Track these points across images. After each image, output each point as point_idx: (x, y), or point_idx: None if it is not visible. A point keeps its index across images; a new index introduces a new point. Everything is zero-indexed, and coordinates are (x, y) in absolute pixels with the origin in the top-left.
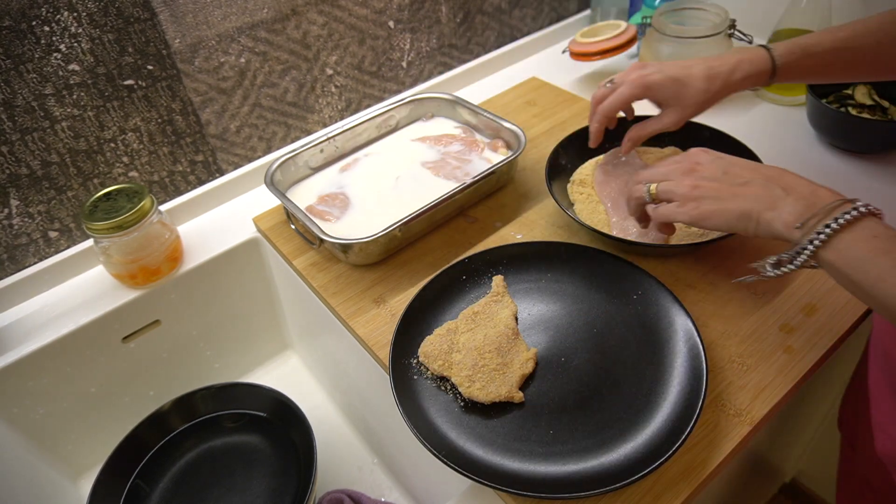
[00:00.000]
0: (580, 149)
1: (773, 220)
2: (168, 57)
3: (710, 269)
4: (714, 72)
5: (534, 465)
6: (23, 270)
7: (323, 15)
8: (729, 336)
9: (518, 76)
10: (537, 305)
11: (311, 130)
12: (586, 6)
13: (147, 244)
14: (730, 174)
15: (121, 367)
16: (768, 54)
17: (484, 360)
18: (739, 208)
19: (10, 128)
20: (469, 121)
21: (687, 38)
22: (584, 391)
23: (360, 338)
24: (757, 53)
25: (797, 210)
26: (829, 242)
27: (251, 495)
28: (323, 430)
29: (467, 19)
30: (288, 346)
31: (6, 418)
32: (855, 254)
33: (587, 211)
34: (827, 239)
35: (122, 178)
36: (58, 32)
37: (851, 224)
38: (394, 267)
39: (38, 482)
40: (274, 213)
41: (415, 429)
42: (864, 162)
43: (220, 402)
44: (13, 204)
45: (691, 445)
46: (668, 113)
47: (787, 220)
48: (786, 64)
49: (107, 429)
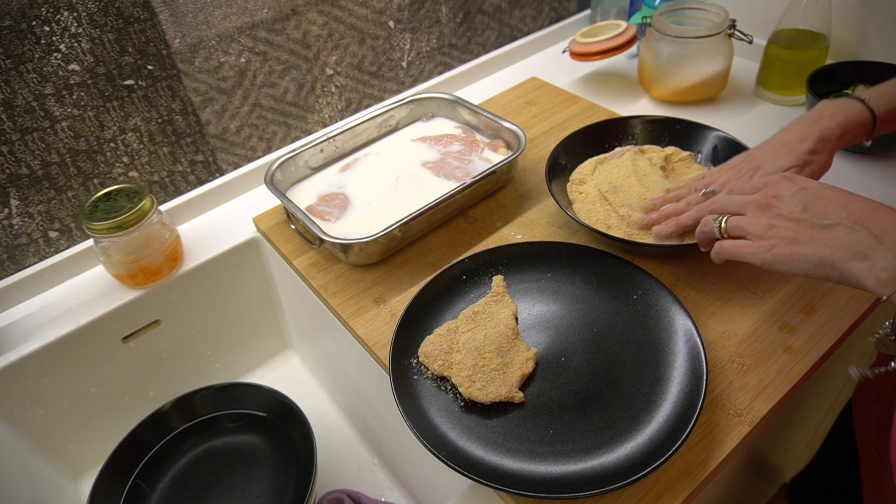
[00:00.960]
0: (580, 149)
1: (862, 273)
2: (168, 57)
3: (711, 269)
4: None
5: (534, 465)
6: (23, 270)
7: (323, 15)
8: (729, 336)
9: (518, 76)
10: (537, 305)
11: (311, 130)
12: (586, 6)
13: (147, 244)
14: (812, 211)
15: (121, 367)
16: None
17: (484, 360)
18: (818, 256)
19: (10, 128)
20: (469, 121)
21: (687, 38)
22: (584, 391)
23: (360, 338)
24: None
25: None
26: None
27: (251, 495)
28: (323, 430)
29: (467, 19)
30: (288, 346)
31: (6, 418)
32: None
33: (586, 210)
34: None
35: (122, 178)
36: (58, 32)
37: None
38: (394, 267)
39: (38, 482)
40: (274, 213)
41: (415, 429)
42: (864, 162)
43: (220, 402)
44: (13, 204)
45: (691, 445)
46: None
47: (880, 276)
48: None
49: (107, 429)
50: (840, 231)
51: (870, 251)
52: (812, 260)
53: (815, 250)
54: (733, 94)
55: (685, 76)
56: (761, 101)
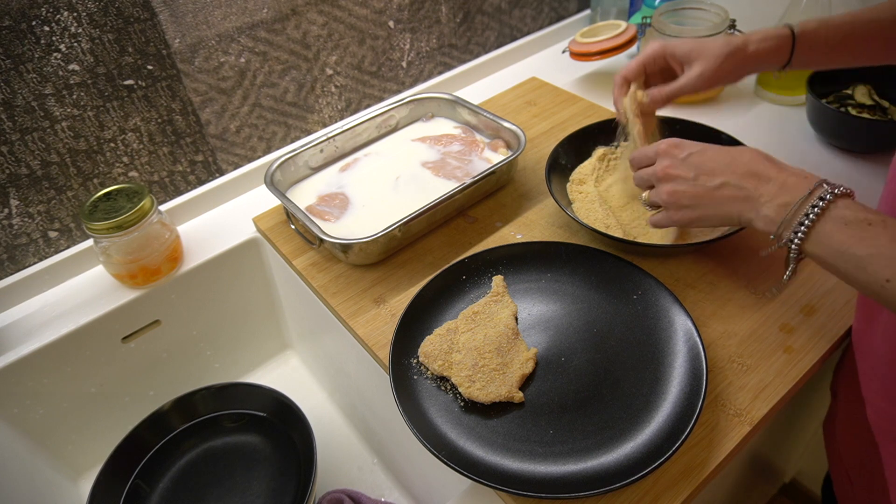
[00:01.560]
0: (580, 148)
1: (755, 221)
2: (168, 57)
3: (710, 269)
4: (732, 39)
5: (534, 465)
6: (23, 270)
7: (323, 15)
8: (729, 336)
9: (518, 76)
10: (537, 305)
11: (311, 130)
12: (586, 6)
13: (147, 244)
14: (703, 175)
15: (121, 367)
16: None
17: (484, 360)
18: (720, 214)
19: (10, 128)
20: (469, 121)
21: (687, 38)
22: (584, 391)
23: (360, 338)
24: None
25: (772, 209)
26: (808, 237)
27: (251, 495)
28: (323, 430)
29: (467, 19)
30: (288, 346)
31: (6, 418)
32: (834, 244)
33: (585, 210)
34: (805, 235)
35: (122, 178)
36: (58, 32)
37: (824, 213)
38: (394, 267)
39: (38, 482)
40: (274, 213)
41: (415, 429)
42: (864, 162)
43: (220, 402)
44: (13, 204)
45: (691, 445)
46: (690, 69)
47: (766, 221)
48: (803, 33)
49: (107, 429)
50: (729, 190)
51: (755, 203)
52: (717, 218)
53: (715, 210)
54: (733, 94)
55: None
56: (761, 101)
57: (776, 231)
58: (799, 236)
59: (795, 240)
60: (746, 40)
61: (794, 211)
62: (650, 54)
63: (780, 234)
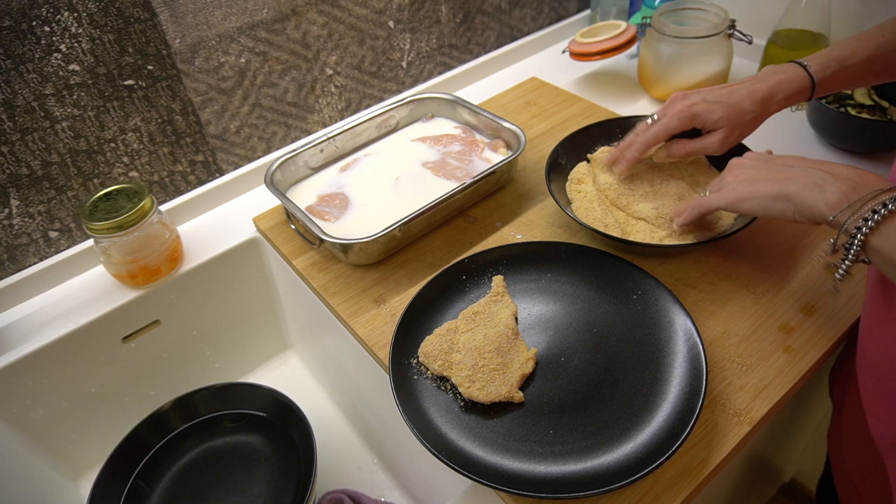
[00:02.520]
0: (580, 149)
1: (815, 200)
2: (168, 57)
3: (710, 269)
4: (757, 95)
5: (534, 465)
6: (23, 270)
7: (323, 15)
8: (729, 336)
9: (518, 76)
10: (537, 305)
11: (311, 130)
12: (586, 6)
13: (147, 244)
14: (771, 161)
15: (121, 367)
16: (805, 72)
17: (484, 360)
18: (775, 190)
19: (11, 128)
20: (469, 121)
21: (687, 38)
22: (584, 391)
23: (360, 338)
24: (795, 72)
25: (842, 190)
26: (878, 228)
27: (251, 495)
28: (323, 430)
29: (467, 19)
30: (288, 346)
31: (6, 418)
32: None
33: (585, 209)
34: (876, 225)
35: (122, 178)
36: (58, 32)
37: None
38: (394, 267)
39: (38, 482)
40: (274, 213)
41: (415, 429)
42: (865, 162)
43: (220, 402)
44: (13, 204)
45: (691, 445)
46: (714, 133)
47: (829, 199)
48: (823, 79)
49: (107, 429)
50: (796, 171)
51: (822, 182)
52: (769, 194)
53: (772, 186)
54: None
55: (685, 76)
56: None
57: (836, 216)
58: (869, 224)
59: (864, 228)
60: (770, 96)
61: (866, 200)
62: (677, 126)
63: (842, 220)
